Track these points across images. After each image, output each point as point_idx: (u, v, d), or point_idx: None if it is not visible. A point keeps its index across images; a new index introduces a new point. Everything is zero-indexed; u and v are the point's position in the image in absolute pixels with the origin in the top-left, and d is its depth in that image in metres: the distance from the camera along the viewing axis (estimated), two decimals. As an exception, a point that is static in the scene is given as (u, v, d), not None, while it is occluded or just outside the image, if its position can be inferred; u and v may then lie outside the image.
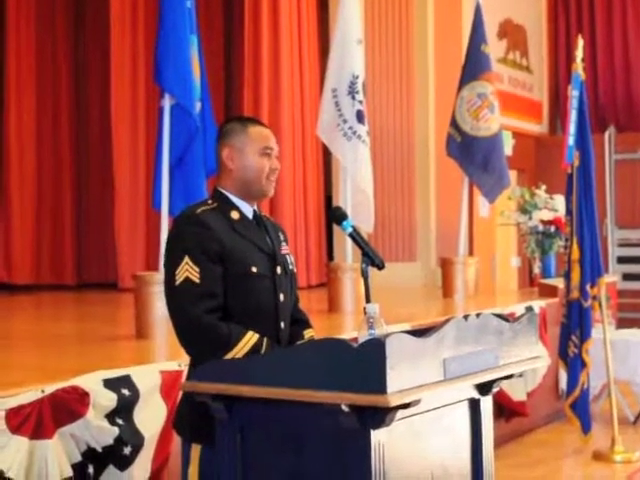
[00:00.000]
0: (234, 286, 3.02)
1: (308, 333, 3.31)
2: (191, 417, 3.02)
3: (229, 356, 2.92)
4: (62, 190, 12.09)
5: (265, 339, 3.00)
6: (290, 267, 3.25)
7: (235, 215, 3.12)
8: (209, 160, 6.00)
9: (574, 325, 6.90)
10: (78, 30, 12.39)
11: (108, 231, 11.44)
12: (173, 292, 2.99)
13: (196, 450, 3.01)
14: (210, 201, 3.14)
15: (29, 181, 11.70)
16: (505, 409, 7.10)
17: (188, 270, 2.96)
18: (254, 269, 3.07)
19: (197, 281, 2.96)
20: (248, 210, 3.17)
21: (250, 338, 2.96)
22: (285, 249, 3.27)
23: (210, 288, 2.97)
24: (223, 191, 3.16)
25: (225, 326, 2.95)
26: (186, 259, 2.97)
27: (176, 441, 3.94)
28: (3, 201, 11.55)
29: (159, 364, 4.34)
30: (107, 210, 11.49)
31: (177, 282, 2.97)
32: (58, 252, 11.98)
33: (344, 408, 2.60)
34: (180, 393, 3.19)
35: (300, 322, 3.32)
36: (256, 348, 2.95)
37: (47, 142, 11.98)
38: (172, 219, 6.16)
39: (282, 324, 3.15)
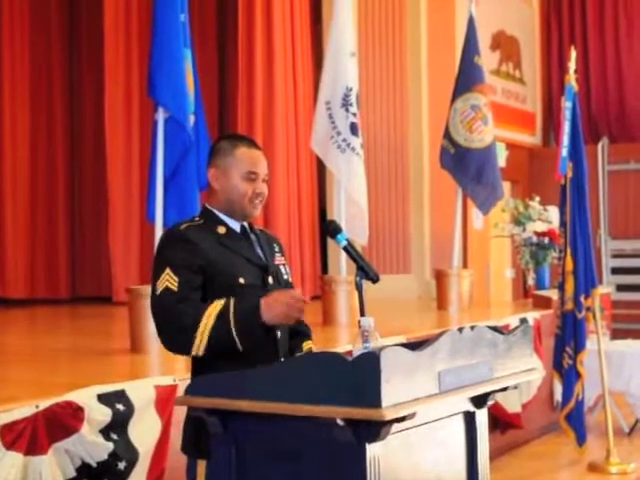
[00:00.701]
0: (220, 296, 3.01)
1: (307, 345, 3.32)
2: (192, 432, 3.02)
3: (200, 330, 2.92)
4: (56, 203, 12.08)
5: (232, 300, 2.97)
6: (285, 277, 3.25)
7: (221, 230, 3.15)
8: (202, 173, 6.01)
9: (568, 336, 6.91)
10: (72, 43, 12.39)
11: (102, 244, 11.42)
12: (154, 301, 3.04)
13: (202, 466, 3.00)
14: (197, 218, 3.18)
15: (22, 194, 11.68)
16: (500, 421, 7.10)
17: (168, 280, 3.01)
18: (242, 280, 3.07)
19: (175, 289, 2.99)
20: (236, 225, 3.20)
21: (215, 306, 2.96)
22: (279, 259, 3.27)
23: (186, 294, 3.00)
24: (210, 208, 3.20)
25: (192, 306, 2.97)
26: (167, 270, 3.02)
27: (171, 456, 3.93)
28: (-4, 215, 11.54)
29: (154, 378, 4.32)
30: (101, 223, 11.47)
31: (158, 292, 3.02)
32: (52, 266, 11.95)
33: (339, 422, 2.60)
34: (174, 408, 3.19)
35: (300, 334, 3.34)
36: (223, 311, 2.94)
37: (41, 155, 11.97)
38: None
39: (278, 333, 3.13)
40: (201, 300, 3.03)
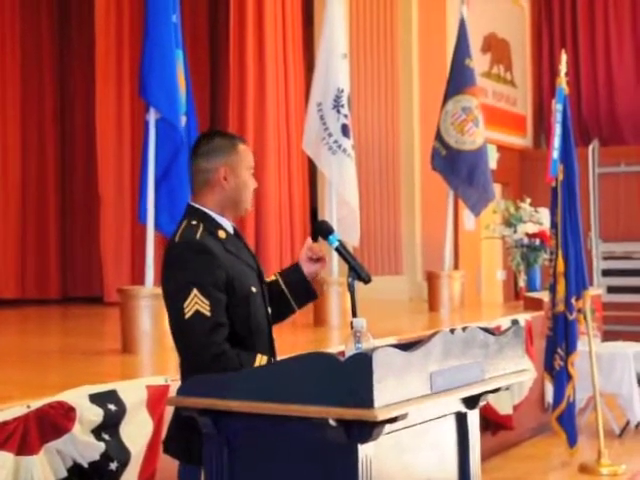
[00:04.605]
0: (239, 309, 2.97)
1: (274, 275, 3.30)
2: (184, 436, 3.00)
3: None
4: (47, 203, 12.06)
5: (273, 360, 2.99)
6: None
7: (222, 234, 3.04)
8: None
9: (560, 338, 6.92)
10: (63, 43, 12.38)
11: (93, 245, 11.40)
12: (183, 326, 2.89)
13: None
14: (194, 221, 3.02)
15: (13, 194, 11.66)
16: (491, 422, 7.10)
17: (198, 303, 2.86)
18: (253, 289, 3.03)
19: (208, 314, 2.86)
20: (228, 226, 3.10)
21: (260, 361, 2.93)
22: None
23: (220, 319, 2.89)
24: (202, 208, 3.06)
25: (235, 354, 2.89)
26: (195, 292, 2.86)
27: (162, 457, 3.92)
28: (-13, 215, 11.51)
29: (145, 379, 4.32)
30: (92, 224, 11.45)
31: (187, 316, 2.86)
32: (43, 266, 11.93)
33: (331, 422, 2.60)
34: (166, 408, 3.18)
35: None
36: None
37: (32, 155, 11.95)
38: (158, 234, 6.19)
39: (272, 335, 3.15)
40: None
